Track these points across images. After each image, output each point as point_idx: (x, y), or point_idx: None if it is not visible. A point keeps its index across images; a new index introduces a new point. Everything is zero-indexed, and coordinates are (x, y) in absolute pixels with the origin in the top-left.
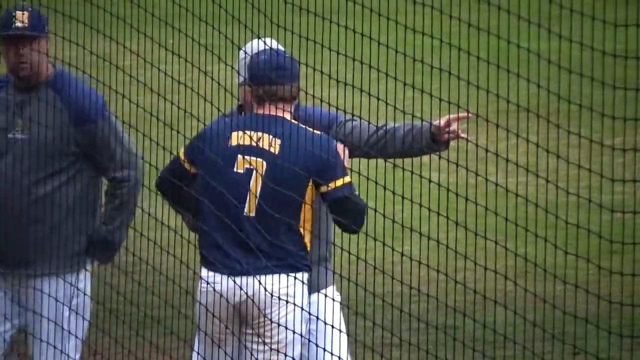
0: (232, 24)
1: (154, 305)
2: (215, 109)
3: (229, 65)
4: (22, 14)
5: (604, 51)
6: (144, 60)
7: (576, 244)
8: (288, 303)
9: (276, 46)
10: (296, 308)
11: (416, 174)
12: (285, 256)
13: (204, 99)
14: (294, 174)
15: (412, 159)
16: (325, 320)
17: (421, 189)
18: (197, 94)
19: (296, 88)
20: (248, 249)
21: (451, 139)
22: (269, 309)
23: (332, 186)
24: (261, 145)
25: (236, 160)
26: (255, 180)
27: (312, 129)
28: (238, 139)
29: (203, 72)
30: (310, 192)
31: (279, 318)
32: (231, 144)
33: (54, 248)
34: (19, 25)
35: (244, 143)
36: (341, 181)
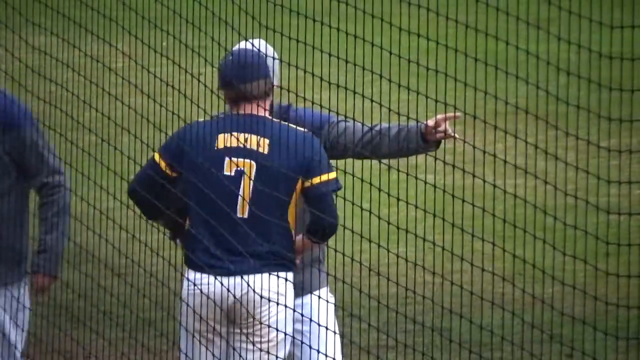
0: (224, 28)
1: (145, 307)
2: (203, 111)
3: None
4: None
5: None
6: (135, 62)
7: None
8: (278, 303)
9: (264, 47)
10: (286, 307)
11: (411, 175)
12: (276, 256)
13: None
14: (284, 173)
15: (407, 160)
16: (319, 321)
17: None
18: (185, 96)
19: (267, 84)
20: (239, 251)
21: (440, 138)
22: (259, 309)
23: (316, 181)
24: (249, 146)
25: (225, 162)
26: (246, 182)
27: (295, 126)
28: (225, 142)
29: (193, 75)
30: (297, 191)
31: (269, 318)
32: (218, 146)
33: None
34: None
35: (231, 145)
36: (326, 176)
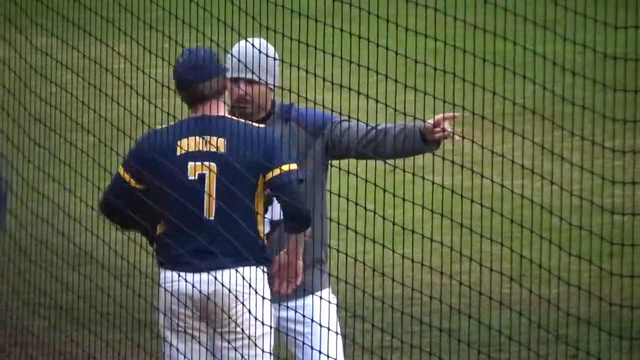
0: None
1: (141, 309)
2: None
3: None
4: None
5: (605, 53)
6: (131, 64)
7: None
8: (253, 296)
9: (265, 46)
10: (263, 301)
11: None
12: (247, 251)
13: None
14: (244, 169)
15: (413, 160)
16: (321, 322)
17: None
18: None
19: (219, 83)
20: (210, 251)
21: (439, 138)
22: (234, 304)
23: (277, 172)
24: (209, 147)
25: (188, 167)
26: (210, 183)
27: (251, 123)
28: (185, 147)
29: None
30: (261, 185)
31: (243, 314)
32: (180, 153)
33: None
34: None
35: (192, 149)
36: (287, 167)
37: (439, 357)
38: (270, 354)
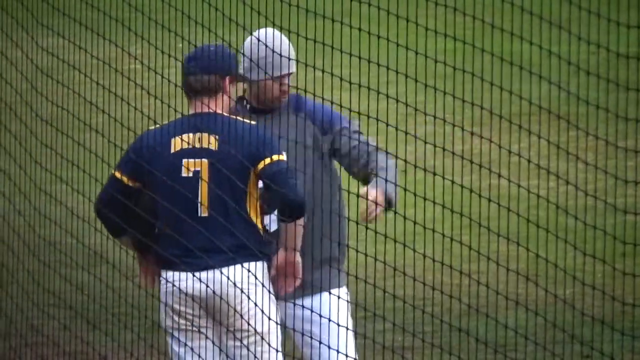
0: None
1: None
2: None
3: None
4: None
5: (617, 52)
6: (142, 64)
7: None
8: (253, 291)
9: (279, 37)
10: (263, 294)
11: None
12: (244, 247)
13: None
14: (236, 166)
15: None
16: (330, 320)
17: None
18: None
19: (218, 81)
20: (208, 249)
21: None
22: (238, 300)
23: (268, 161)
24: (201, 144)
25: (182, 165)
26: (203, 181)
27: (242, 119)
28: (179, 145)
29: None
30: (253, 179)
31: (248, 310)
32: (174, 150)
33: None
34: None
35: (185, 147)
36: (277, 157)
37: (458, 357)
38: (277, 350)
